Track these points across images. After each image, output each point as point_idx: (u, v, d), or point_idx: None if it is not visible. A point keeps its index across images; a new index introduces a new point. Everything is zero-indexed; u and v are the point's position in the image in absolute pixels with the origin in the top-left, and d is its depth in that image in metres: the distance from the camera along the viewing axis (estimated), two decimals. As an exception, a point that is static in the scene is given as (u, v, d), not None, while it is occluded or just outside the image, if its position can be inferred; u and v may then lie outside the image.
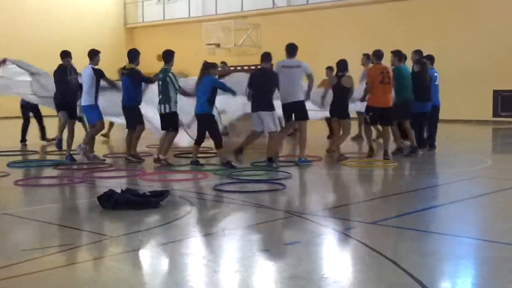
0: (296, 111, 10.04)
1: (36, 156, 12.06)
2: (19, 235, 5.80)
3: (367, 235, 5.53)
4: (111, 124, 14.89)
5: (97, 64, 10.60)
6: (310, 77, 10.19)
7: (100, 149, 12.62)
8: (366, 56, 12.53)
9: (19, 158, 11.61)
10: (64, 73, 10.70)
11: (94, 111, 10.57)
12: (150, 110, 10.88)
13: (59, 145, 12.49)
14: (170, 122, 10.14)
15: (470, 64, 21.23)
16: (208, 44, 27.02)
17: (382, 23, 23.09)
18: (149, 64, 17.59)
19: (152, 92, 10.77)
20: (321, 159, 10.87)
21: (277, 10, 26.69)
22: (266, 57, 10.01)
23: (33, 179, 9.05)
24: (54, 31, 27.49)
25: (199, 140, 10.02)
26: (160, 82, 10.11)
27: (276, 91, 9.91)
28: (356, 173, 9.72)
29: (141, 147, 11.60)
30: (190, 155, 10.38)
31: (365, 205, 7.27)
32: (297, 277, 4.33)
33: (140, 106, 10.59)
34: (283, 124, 11.06)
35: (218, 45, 26.92)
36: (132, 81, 10.43)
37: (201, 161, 10.18)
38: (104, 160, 10.92)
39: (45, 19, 27.79)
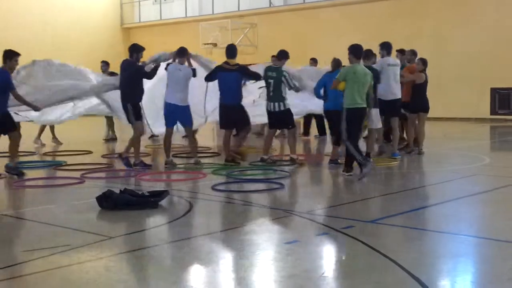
0: (394, 108, 10.70)
1: (34, 157, 12.03)
2: (19, 236, 5.80)
3: (366, 233, 5.53)
4: (111, 124, 14.82)
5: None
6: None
7: (98, 150, 12.63)
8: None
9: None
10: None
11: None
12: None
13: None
14: (288, 119, 10.15)
15: (468, 62, 21.24)
16: (205, 44, 27.00)
17: (379, 21, 23.09)
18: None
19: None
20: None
21: (273, 10, 26.68)
22: (370, 54, 10.20)
23: (31, 180, 9.03)
24: (50, 31, 27.45)
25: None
26: (271, 81, 9.97)
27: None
28: (356, 172, 9.71)
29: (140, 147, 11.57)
30: (186, 155, 10.45)
31: (364, 203, 7.28)
32: (296, 276, 4.33)
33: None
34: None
35: (215, 45, 26.90)
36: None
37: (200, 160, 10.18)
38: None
39: (42, 20, 27.72)
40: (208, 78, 10.32)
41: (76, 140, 10.72)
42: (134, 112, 9.80)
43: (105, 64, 14.65)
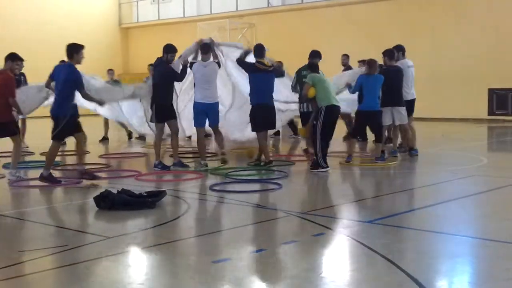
0: (411, 107, 11.12)
1: (33, 157, 12.02)
2: (16, 236, 5.79)
3: (363, 234, 5.54)
4: (107, 125, 14.86)
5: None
6: None
7: (97, 151, 12.62)
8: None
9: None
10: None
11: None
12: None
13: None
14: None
15: (465, 63, 21.26)
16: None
17: (377, 21, 23.11)
18: (145, 64, 17.54)
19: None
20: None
21: (272, 10, 26.68)
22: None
23: (29, 180, 9.02)
24: (48, 31, 27.41)
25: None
26: (305, 79, 9.95)
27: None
28: (353, 172, 9.72)
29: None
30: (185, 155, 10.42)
31: (362, 204, 7.28)
32: (294, 277, 4.33)
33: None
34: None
35: (213, 45, 26.90)
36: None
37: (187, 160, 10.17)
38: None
39: (39, 19, 27.71)
40: (243, 66, 10.00)
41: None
42: (157, 112, 9.60)
43: (112, 73, 14.95)
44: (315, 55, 10.49)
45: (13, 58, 9.27)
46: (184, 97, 11.73)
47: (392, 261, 4.56)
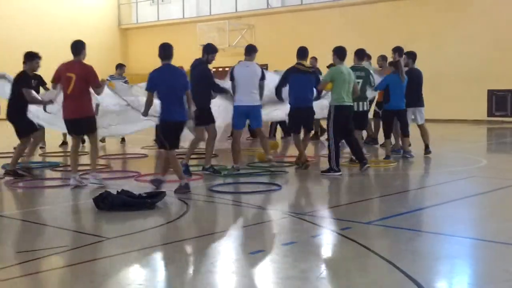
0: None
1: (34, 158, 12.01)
2: (15, 237, 5.79)
3: (363, 235, 5.54)
4: None
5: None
6: None
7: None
8: (382, 56, 13.00)
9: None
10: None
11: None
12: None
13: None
14: (366, 119, 10.55)
15: (465, 64, 21.27)
16: (202, 45, 27.02)
17: (377, 23, 23.13)
18: (144, 65, 17.56)
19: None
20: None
21: (271, 11, 26.68)
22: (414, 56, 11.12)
23: (28, 181, 9.02)
24: (47, 31, 27.39)
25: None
26: (359, 80, 9.99)
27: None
28: (353, 173, 9.72)
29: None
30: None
31: (361, 205, 7.28)
32: (293, 278, 4.34)
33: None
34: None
35: (212, 46, 26.91)
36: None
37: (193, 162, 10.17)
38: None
39: (38, 20, 27.68)
40: (282, 84, 9.83)
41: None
42: (197, 115, 8.56)
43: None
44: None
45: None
46: None
47: (392, 262, 4.56)
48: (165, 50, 7.88)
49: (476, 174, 9.36)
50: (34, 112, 9.58)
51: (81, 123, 8.19)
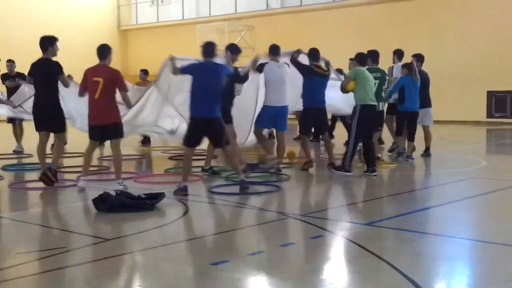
0: None
1: (31, 159, 12.01)
2: (14, 238, 5.78)
3: (362, 236, 5.54)
4: None
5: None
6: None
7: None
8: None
9: (15, 161, 11.58)
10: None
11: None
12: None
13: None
14: (381, 120, 10.76)
15: (464, 65, 21.29)
16: (201, 46, 27.04)
17: (376, 24, 23.15)
18: (143, 66, 17.53)
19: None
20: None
21: (270, 12, 26.71)
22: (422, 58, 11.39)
23: (28, 182, 9.02)
24: (47, 32, 27.23)
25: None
26: (376, 81, 10.04)
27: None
28: (352, 174, 9.72)
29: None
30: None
31: (361, 206, 7.28)
32: (292, 279, 4.33)
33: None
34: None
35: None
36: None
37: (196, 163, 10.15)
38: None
39: (38, 20, 27.69)
40: (299, 66, 9.62)
41: (74, 141, 10.74)
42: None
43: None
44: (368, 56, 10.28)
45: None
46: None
47: (391, 263, 4.55)
48: (205, 48, 8.04)
49: (476, 175, 9.36)
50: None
51: (107, 129, 7.97)
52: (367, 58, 9.74)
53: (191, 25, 28.37)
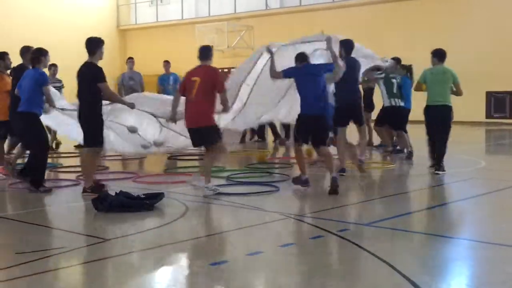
0: None
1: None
2: (14, 238, 5.78)
3: (361, 236, 5.54)
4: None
5: None
6: None
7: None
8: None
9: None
10: None
11: None
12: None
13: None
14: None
15: (463, 66, 21.18)
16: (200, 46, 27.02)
17: (376, 24, 23.13)
18: (143, 66, 17.56)
19: None
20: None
21: (270, 12, 26.69)
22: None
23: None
24: (46, 32, 27.35)
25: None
26: (394, 81, 11.14)
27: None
28: (351, 175, 9.71)
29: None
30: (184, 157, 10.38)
31: (360, 206, 7.28)
32: (291, 279, 4.33)
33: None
34: None
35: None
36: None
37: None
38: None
39: (37, 21, 27.67)
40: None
41: (74, 142, 10.74)
42: None
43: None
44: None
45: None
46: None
47: (390, 264, 4.55)
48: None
49: (475, 176, 9.37)
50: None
51: (201, 132, 7.69)
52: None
53: (190, 25, 28.35)
